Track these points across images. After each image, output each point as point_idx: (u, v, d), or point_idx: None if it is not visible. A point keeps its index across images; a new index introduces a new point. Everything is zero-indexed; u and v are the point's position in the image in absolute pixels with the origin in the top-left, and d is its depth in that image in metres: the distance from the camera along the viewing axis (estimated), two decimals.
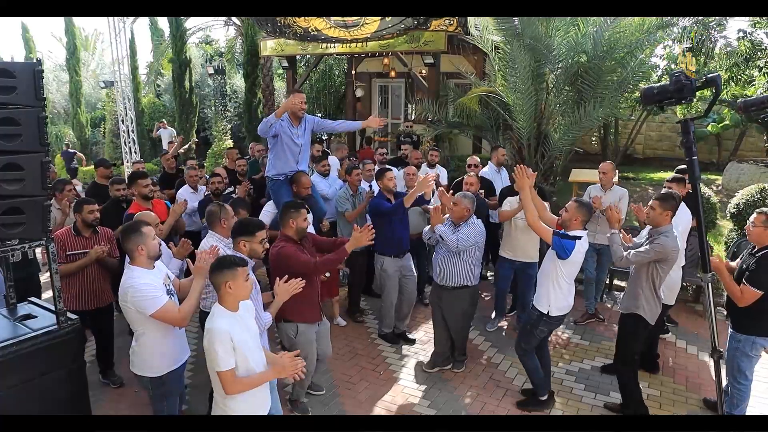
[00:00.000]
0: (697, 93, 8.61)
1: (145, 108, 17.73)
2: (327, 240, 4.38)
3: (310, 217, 4.32)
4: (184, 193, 6.32)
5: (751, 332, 3.82)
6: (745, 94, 7.86)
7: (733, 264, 4.15)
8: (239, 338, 2.71)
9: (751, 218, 3.90)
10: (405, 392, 4.67)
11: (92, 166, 13.31)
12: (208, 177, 6.57)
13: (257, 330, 2.99)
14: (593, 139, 14.51)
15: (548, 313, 4.05)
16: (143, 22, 19.41)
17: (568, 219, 3.96)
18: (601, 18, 7.89)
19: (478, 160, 6.72)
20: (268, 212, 5.31)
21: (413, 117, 13.17)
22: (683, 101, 2.48)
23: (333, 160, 7.31)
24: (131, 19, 16.50)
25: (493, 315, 5.96)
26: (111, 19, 12.70)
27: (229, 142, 14.81)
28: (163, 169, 8.01)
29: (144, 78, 19.40)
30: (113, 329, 4.83)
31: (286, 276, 3.36)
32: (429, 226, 4.71)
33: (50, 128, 19.99)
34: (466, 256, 4.54)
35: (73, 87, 18.28)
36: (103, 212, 4.90)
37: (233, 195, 6.14)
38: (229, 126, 15.74)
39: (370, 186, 6.03)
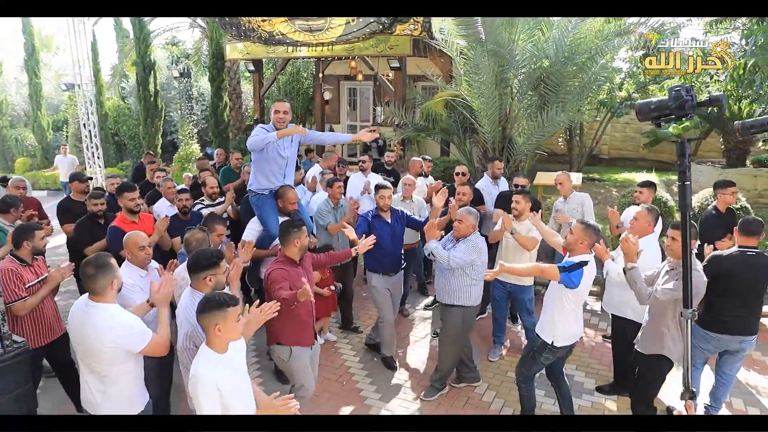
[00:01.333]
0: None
1: (109, 111, 17.33)
2: (320, 256, 4.31)
3: None
4: (162, 207, 5.89)
5: (704, 326, 4.08)
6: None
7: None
8: (226, 386, 2.59)
9: None
10: (366, 403, 4.66)
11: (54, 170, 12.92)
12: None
13: (245, 368, 2.85)
14: (560, 140, 14.73)
15: (552, 343, 3.80)
16: (108, 22, 18.86)
17: (574, 242, 3.71)
18: (563, 24, 8.02)
19: (467, 168, 6.62)
20: (253, 230, 4.92)
21: (381, 120, 13.18)
22: (683, 118, 2.36)
23: (316, 170, 7.24)
24: (93, 20, 16.11)
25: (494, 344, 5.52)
26: (70, 19, 12.36)
27: (196, 146, 14.58)
28: (146, 181, 7.44)
29: (108, 80, 18.98)
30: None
31: (257, 301, 3.11)
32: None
33: (10, 132, 19.46)
34: (461, 273, 4.33)
35: (32, 89, 17.74)
36: (77, 228, 4.67)
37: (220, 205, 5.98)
38: (196, 130, 15.50)
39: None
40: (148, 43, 14.99)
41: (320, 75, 13.93)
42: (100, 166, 13.29)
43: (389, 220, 5.01)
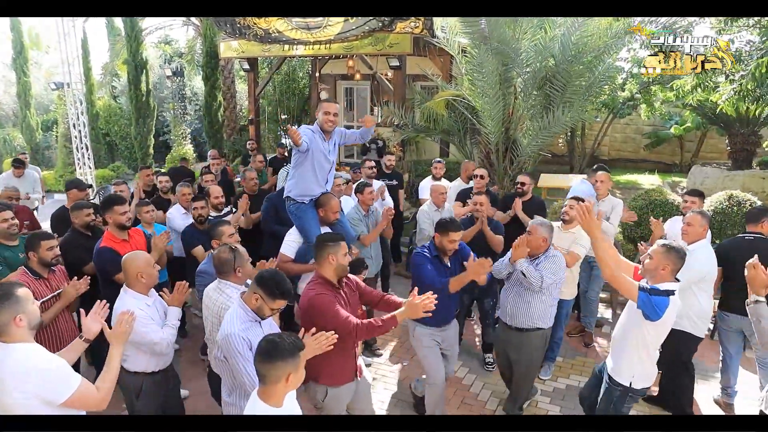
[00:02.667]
0: (662, 96, 8.46)
1: (100, 111, 16.96)
2: (372, 291, 3.60)
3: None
4: (175, 214, 5.51)
5: (720, 308, 4.43)
6: (711, 100, 7.87)
7: None
8: None
9: None
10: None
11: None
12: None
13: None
14: (560, 141, 14.54)
15: (631, 385, 3.31)
16: (99, 19, 18.50)
17: (654, 268, 3.12)
18: (569, 21, 7.78)
19: (486, 171, 6.22)
20: (292, 242, 4.40)
21: (379, 120, 12.92)
22: None
23: None
24: (83, 18, 15.76)
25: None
26: (58, 18, 12.03)
27: (189, 147, 14.27)
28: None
29: (100, 78, 18.60)
30: None
31: (314, 329, 2.78)
32: (503, 259, 4.05)
33: None
34: (545, 293, 3.91)
35: (21, 88, 17.34)
36: (65, 244, 4.24)
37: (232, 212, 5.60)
38: (189, 130, 15.16)
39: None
40: (140, 41, 14.66)
41: (317, 74, 13.66)
42: (90, 167, 12.97)
43: (449, 264, 3.98)
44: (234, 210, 5.75)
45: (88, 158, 12.92)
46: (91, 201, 6.24)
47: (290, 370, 2.22)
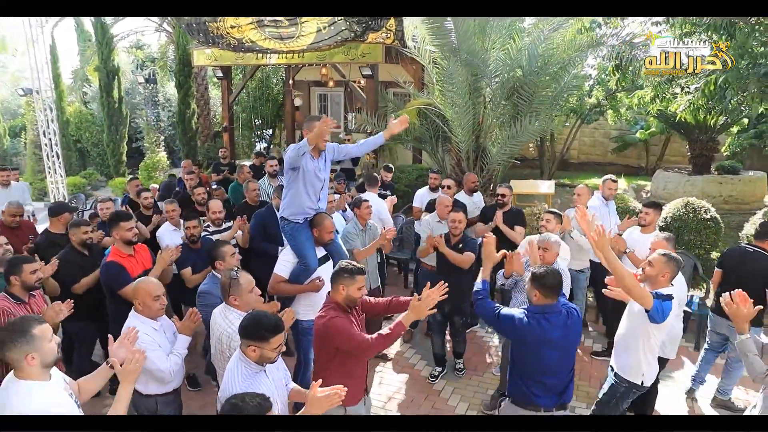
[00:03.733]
0: (627, 102, 8.76)
1: (70, 117, 16.72)
2: (378, 302, 3.53)
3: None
4: (164, 232, 5.35)
5: (712, 310, 4.69)
6: (669, 110, 8.23)
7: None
8: None
9: None
10: None
11: None
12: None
13: None
14: (531, 145, 14.87)
15: (642, 383, 3.55)
16: (68, 23, 18.24)
17: (655, 275, 3.44)
18: (534, 33, 8.04)
19: (453, 182, 6.27)
20: (287, 262, 4.30)
21: (353, 127, 13.07)
22: None
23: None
24: (53, 21, 15.53)
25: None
26: (26, 21, 11.84)
27: (163, 154, 14.19)
28: (127, 196, 7.01)
29: (70, 82, 18.32)
30: None
31: (321, 380, 2.59)
32: (504, 270, 4.31)
33: None
34: None
35: None
36: (62, 266, 4.21)
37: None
38: (162, 137, 15.07)
39: (344, 213, 5.53)
40: (112, 47, 14.53)
41: (290, 81, 13.74)
42: (61, 175, 12.78)
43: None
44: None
45: (59, 166, 12.73)
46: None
47: None
